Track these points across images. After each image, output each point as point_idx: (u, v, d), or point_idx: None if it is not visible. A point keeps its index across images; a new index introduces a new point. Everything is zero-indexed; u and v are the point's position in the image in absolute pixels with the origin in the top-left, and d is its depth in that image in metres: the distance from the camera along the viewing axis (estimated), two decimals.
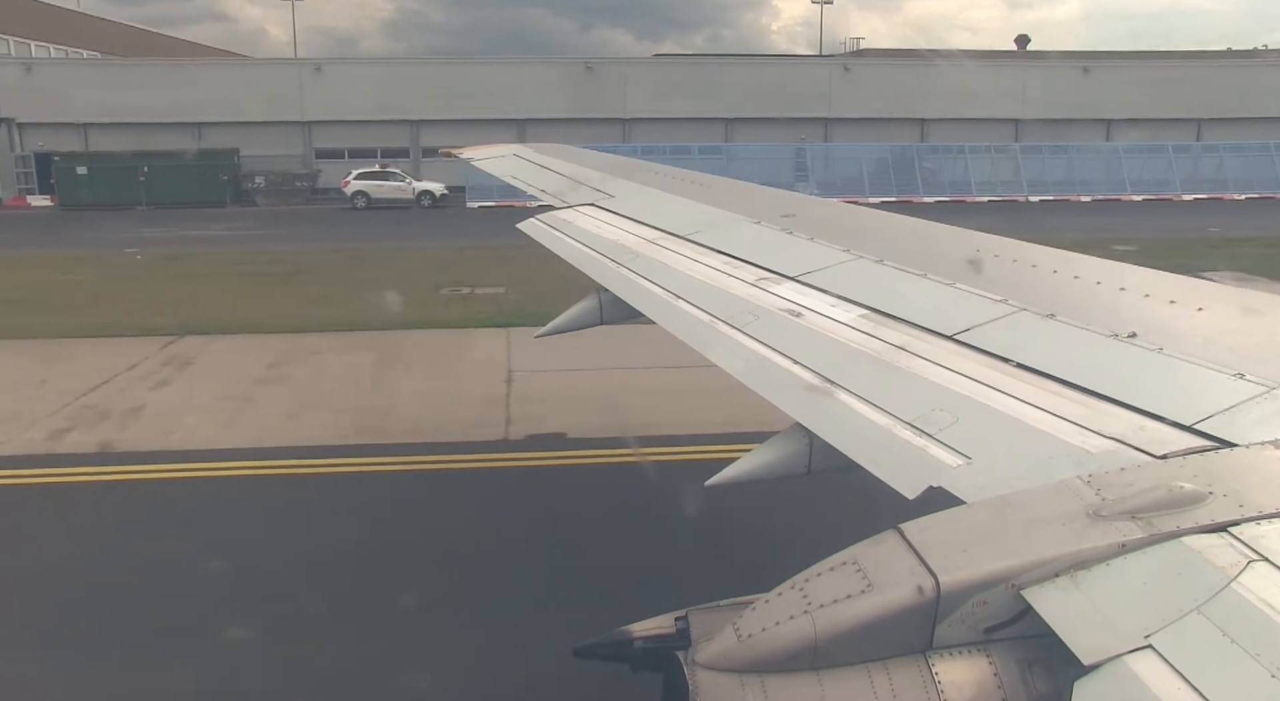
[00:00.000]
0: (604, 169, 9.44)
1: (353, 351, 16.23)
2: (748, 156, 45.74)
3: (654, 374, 14.01)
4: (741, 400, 4.10)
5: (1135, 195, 45.60)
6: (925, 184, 44.51)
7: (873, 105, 50.32)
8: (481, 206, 43.23)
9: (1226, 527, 2.12)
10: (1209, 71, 54.31)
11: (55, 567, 8.38)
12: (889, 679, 2.11)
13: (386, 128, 51.05)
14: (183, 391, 13.88)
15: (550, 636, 4.57)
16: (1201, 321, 3.38)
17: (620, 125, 49.78)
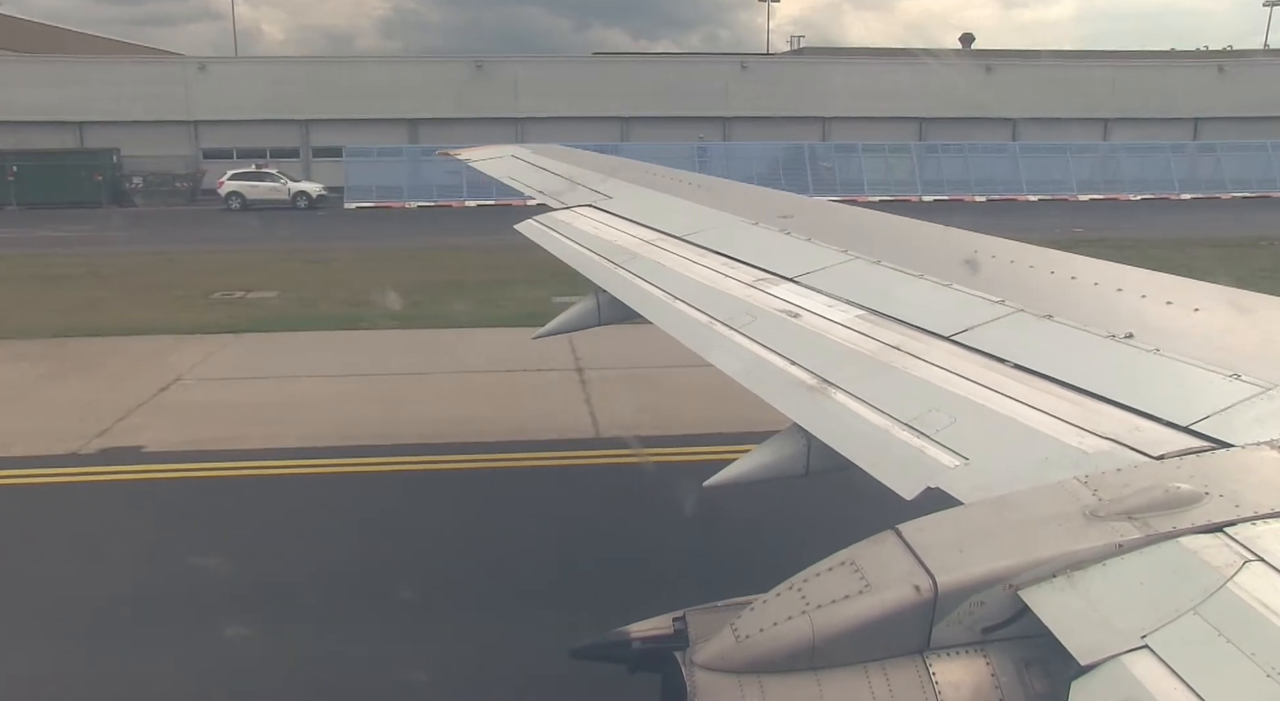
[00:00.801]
0: (602, 170, 9.45)
1: (30, 359, 15.64)
2: (644, 156, 45.65)
3: (339, 382, 14.18)
4: (395, 414, 3.96)
5: (1031, 195, 44.99)
6: (818, 183, 43.90)
7: (772, 104, 49.91)
8: (359, 207, 42.92)
9: (1223, 528, 2.13)
10: (1115, 72, 53.92)
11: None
12: (886, 679, 2.12)
13: (276, 127, 50.44)
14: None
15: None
16: (1198, 322, 3.38)
17: (513, 125, 49.05)
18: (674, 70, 52.51)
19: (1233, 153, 47.59)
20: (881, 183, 45.23)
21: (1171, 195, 45.34)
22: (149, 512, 9.62)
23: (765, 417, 3.81)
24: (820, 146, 47.48)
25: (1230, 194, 45.74)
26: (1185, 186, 45.83)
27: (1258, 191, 45.46)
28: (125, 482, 10.27)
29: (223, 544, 8.57)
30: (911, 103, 50.61)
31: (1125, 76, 53.02)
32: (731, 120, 50.48)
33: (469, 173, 44.27)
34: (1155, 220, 35.07)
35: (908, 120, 50.95)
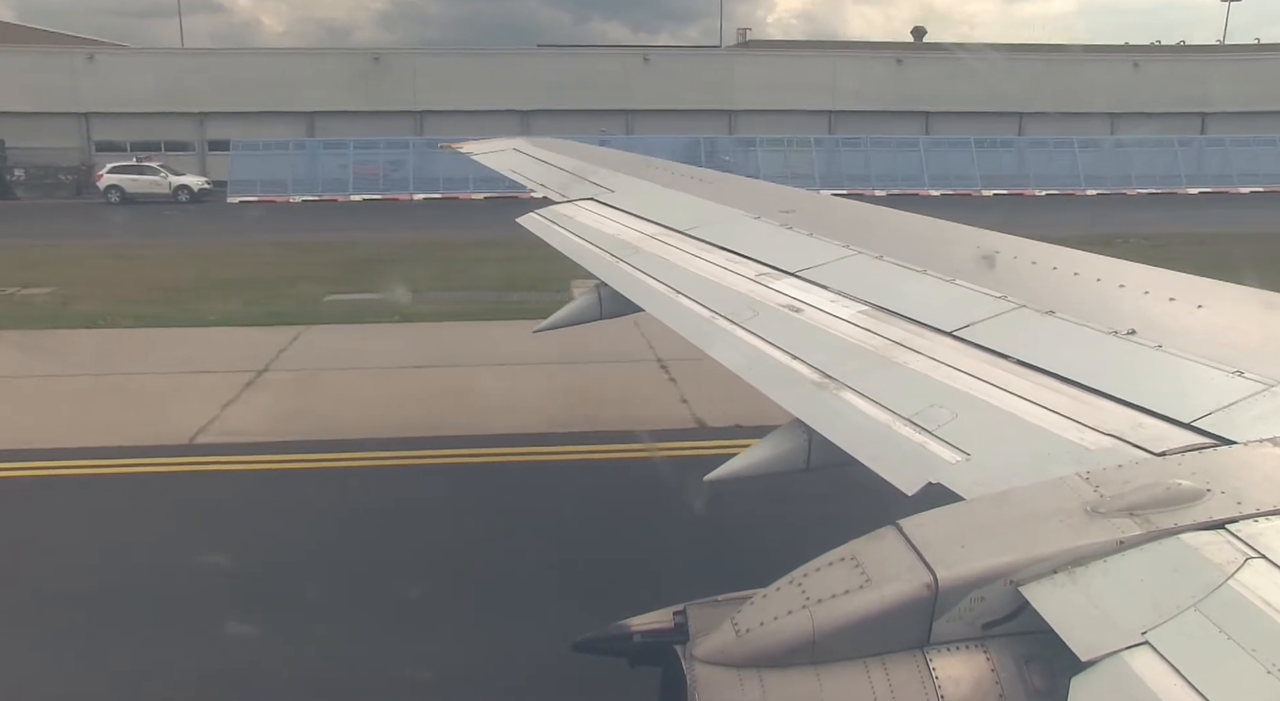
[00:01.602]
0: (604, 163, 9.44)
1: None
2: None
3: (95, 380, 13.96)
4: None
5: (934, 190, 44.28)
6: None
7: (678, 96, 49.46)
8: (243, 201, 42.46)
9: (1224, 525, 2.12)
10: (1030, 66, 53.31)
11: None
12: (886, 674, 2.12)
13: (171, 120, 49.78)
14: None
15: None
16: (1201, 319, 3.38)
17: (412, 117, 48.80)
18: (576, 63, 51.80)
19: (1142, 148, 47.03)
20: (780, 176, 44.69)
21: (1077, 191, 44.69)
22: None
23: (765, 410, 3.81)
24: (722, 140, 46.99)
25: (1136, 190, 45.14)
26: (1091, 182, 45.21)
27: (1163, 187, 44.90)
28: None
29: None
30: (820, 96, 50.07)
31: (1041, 71, 52.46)
32: (635, 113, 49.96)
33: (357, 167, 44.12)
34: (1046, 217, 34.15)
35: (818, 113, 50.38)
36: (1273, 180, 44.71)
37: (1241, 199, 42.76)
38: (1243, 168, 45.64)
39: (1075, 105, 49.98)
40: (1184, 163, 45.77)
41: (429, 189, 42.67)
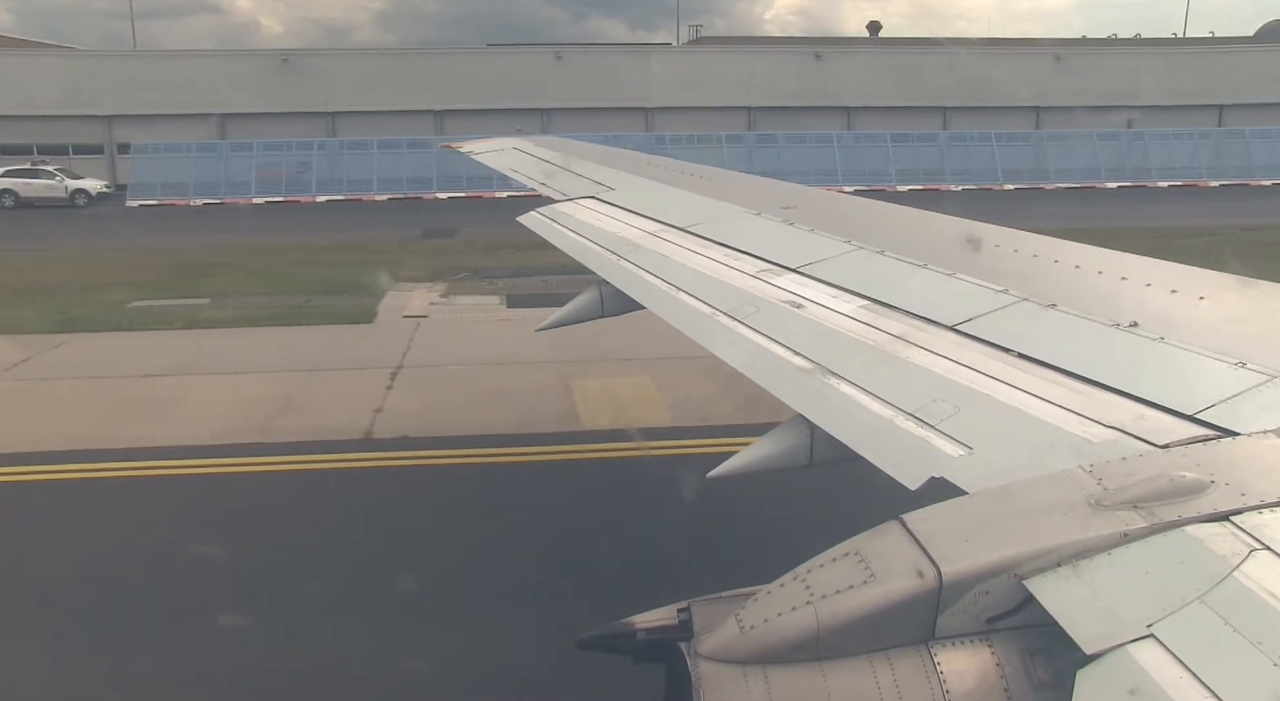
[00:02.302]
0: (604, 162, 9.44)
1: None
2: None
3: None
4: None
5: (847, 186, 42.76)
6: None
7: (594, 94, 48.74)
8: (142, 205, 41.75)
9: (1228, 516, 2.12)
10: (954, 60, 51.93)
11: None
12: (891, 669, 2.12)
13: (78, 123, 48.76)
14: None
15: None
16: (1203, 310, 3.37)
17: (325, 118, 48.14)
18: (490, 62, 50.65)
19: (1065, 142, 46.37)
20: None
21: (995, 186, 44.10)
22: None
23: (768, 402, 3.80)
24: (635, 138, 46.27)
25: (1055, 184, 44.42)
26: (1009, 177, 44.68)
27: (1082, 182, 44.36)
28: None
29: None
30: (738, 92, 49.50)
31: (964, 65, 51.59)
32: (551, 111, 49.32)
33: (260, 170, 43.62)
34: (967, 215, 33.25)
35: (737, 110, 49.73)
36: (1192, 174, 44.38)
37: (1159, 193, 42.30)
38: (1161, 161, 45.31)
39: (999, 99, 49.55)
40: (1104, 157, 45.29)
41: (333, 191, 42.23)
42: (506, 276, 21.51)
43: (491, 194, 40.90)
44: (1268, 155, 45.03)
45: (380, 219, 35.20)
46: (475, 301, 19.29)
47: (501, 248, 25.74)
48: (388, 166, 43.21)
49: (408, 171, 42.93)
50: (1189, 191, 41.47)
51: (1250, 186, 42.95)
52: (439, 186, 42.03)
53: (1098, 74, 49.89)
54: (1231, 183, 43.30)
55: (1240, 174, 44.18)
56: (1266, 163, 44.67)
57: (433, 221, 33.53)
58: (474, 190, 41.21)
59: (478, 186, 41.23)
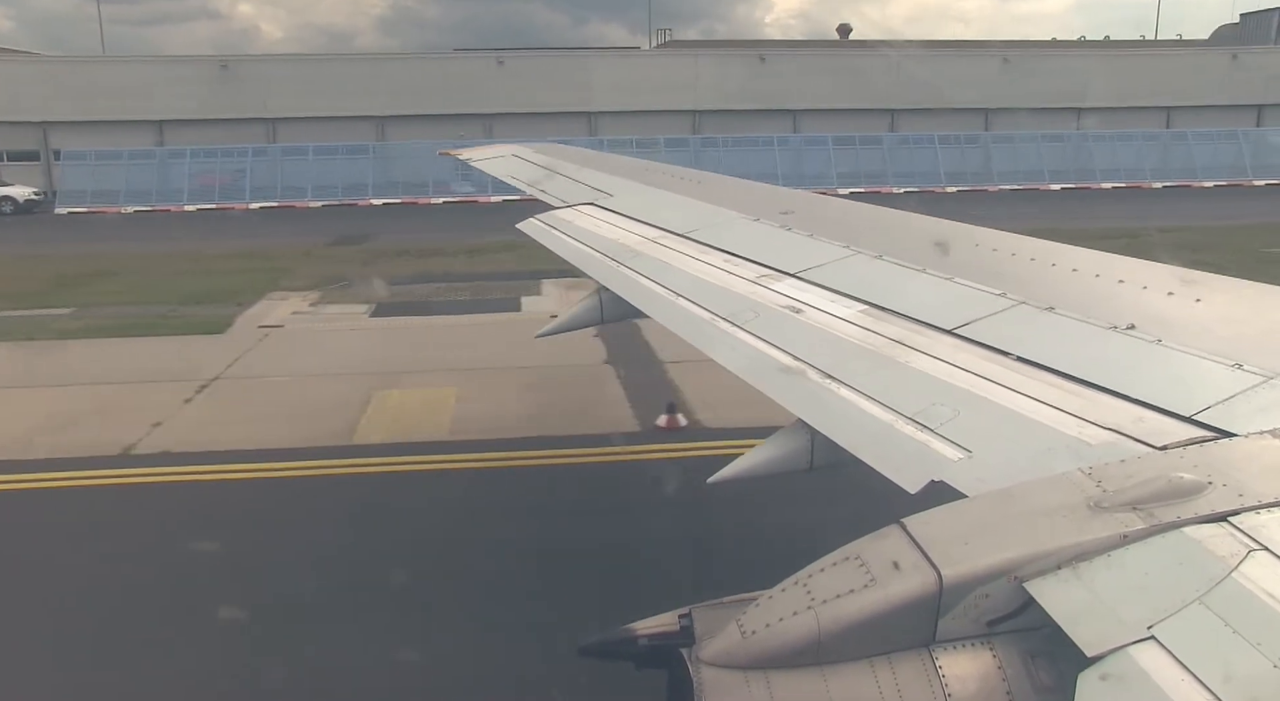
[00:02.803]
0: (603, 168, 9.46)
1: None
2: (402, 155, 43.80)
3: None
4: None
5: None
6: None
7: (537, 99, 47.91)
8: (71, 212, 41.05)
9: (1227, 517, 2.13)
10: (898, 62, 51.37)
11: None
12: (893, 673, 2.12)
13: (12, 129, 47.71)
14: None
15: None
16: (1200, 312, 3.39)
17: (265, 125, 47.36)
18: (432, 67, 50.19)
19: (1011, 144, 45.71)
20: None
21: (937, 188, 43.18)
22: None
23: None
24: (579, 141, 45.79)
25: (997, 186, 43.78)
26: (952, 179, 43.96)
27: (1024, 184, 43.56)
28: None
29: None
30: (682, 96, 49.05)
31: (910, 67, 50.98)
32: (494, 117, 48.82)
33: (197, 177, 42.95)
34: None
35: (681, 113, 49.26)
36: (1135, 175, 44.11)
37: (1101, 194, 41.99)
38: (1106, 163, 44.99)
39: (947, 101, 49.15)
40: (1048, 159, 44.86)
41: (267, 198, 41.63)
42: (401, 283, 21.24)
43: (427, 200, 40.69)
44: (1210, 157, 44.70)
45: (304, 226, 34.14)
46: (340, 310, 18.93)
47: (405, 254, 25.73)
48: (324, 173, 42.72)
49: (343, 178, 42.51)
50: (1131, 193, 41.11)
51: (1193, 188, 42.58)
52: (374, 193, 41.64)
53: (1045, 76, 49.48)
54: (1175, 184, 42.97)
55: (1184, 175, 43.82)
56: (1210, 164, 44.32)
57: (353, 228, 33.22)
58: (410, 196, 41.03)
59: (414, 193, 41.15)
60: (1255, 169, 43.88)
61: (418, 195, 41.08)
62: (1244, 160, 44.27)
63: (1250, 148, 45.30)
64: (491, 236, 26.50)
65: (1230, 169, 43.85)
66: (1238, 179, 42.99)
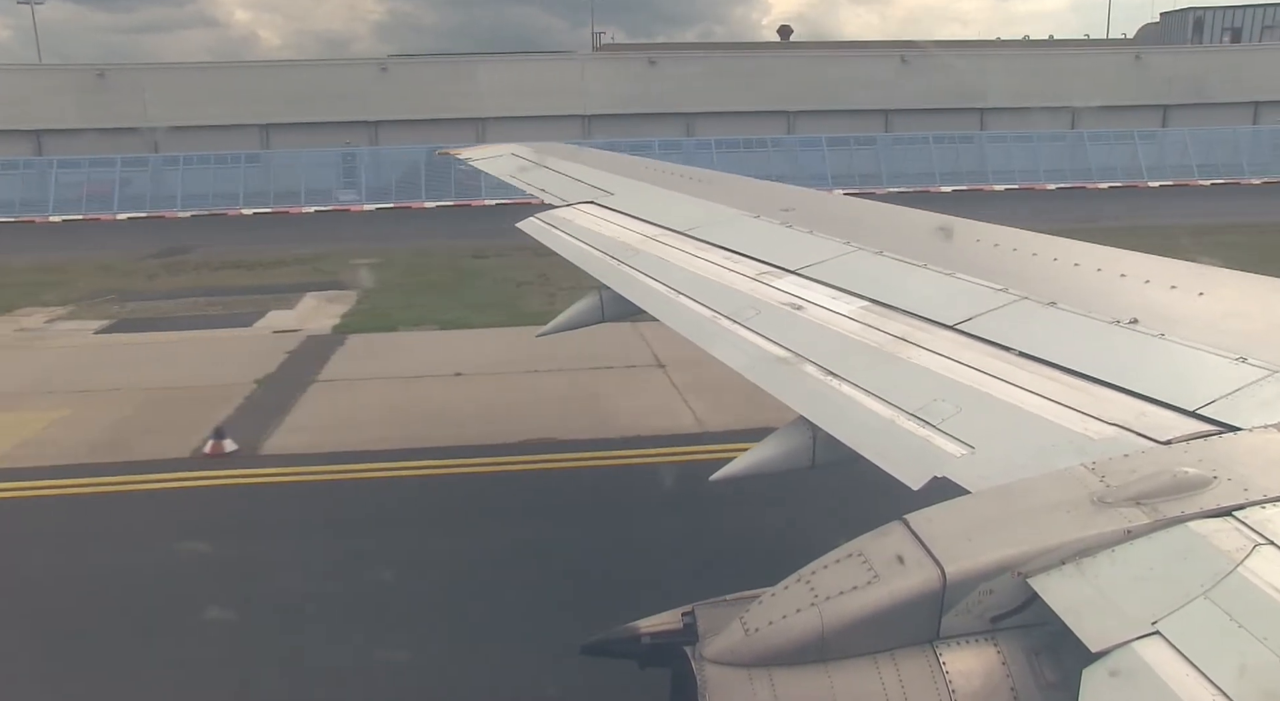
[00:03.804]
0: (603, 166, 9.45)
1: None
2: (290, 163, 42.92)
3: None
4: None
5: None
6: (460, 187, 41.20)
7: (423, 106, 47.28)
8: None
9: (1231, 512, 2.12)
10: (795, 63, 51.11)
11: None
12: (897, 669, 2.12)
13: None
14: None
15: None
16: (1203, 306, 3.37)
17: (145, 134, 45.79)
18: (315, 74, 49.18)
19: (899, 147, 44.94)
20: (502, 185, 41.86)
21: (825, 190, 43.09)
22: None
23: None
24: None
25: (886, 189, 42.94)
26: (839, 182, 42.56)
27: (916, 186, 42.23)
28: None
29: None
30: (571, 100, 48.47)
31: (808, 68, 50.31)
32: (380, 124, 47.94)
33: (67, 187, 41.98)
34: None
35: (571, 118, 48.26)
36: (1029, 177, 43.39)
37: (992, 197, 41.27)
38: (999, 165, 44.32)
39: (845, 102, 48.51)
40: (940, 161, 44.20)
41: (136, 208, 40.57)
42: (162, 298, 20.60)
43: (299, 209, 39.99)
44: (1105, 158, 43.98)
45: (150, 236, 33.30)
46: (71, 327, 18.11)
47: (204, 267, 25.09)
48: (196, 182, 41.92)
49: (216, 187, 41.59)
50: (1023, 195, 39.97)
51: (1087, 189, 41.73)
52: (245, 202, 40.78)
53: (945, 76, 48.90)
54: (1070, 185, 42.16)
55: (1079, 177, 43.03)
56: (1104, 165, 43.52)
57: (195, 239, 32.08)
58: (282, 205, 40.29)
59: (286, 202, 40.50)
60: (1150, 170, 43.15)
61: (290, 204, 40.27)
62: (1139, 162, 43.50)
63: (1146, 149, 44.59)
64: (317, 247, 26.74)
65: (1127, 171, 43.12)
66: (1134, 180, 42.23)
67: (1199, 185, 41.40)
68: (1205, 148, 43.93)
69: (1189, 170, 42.70)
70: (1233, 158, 43.37)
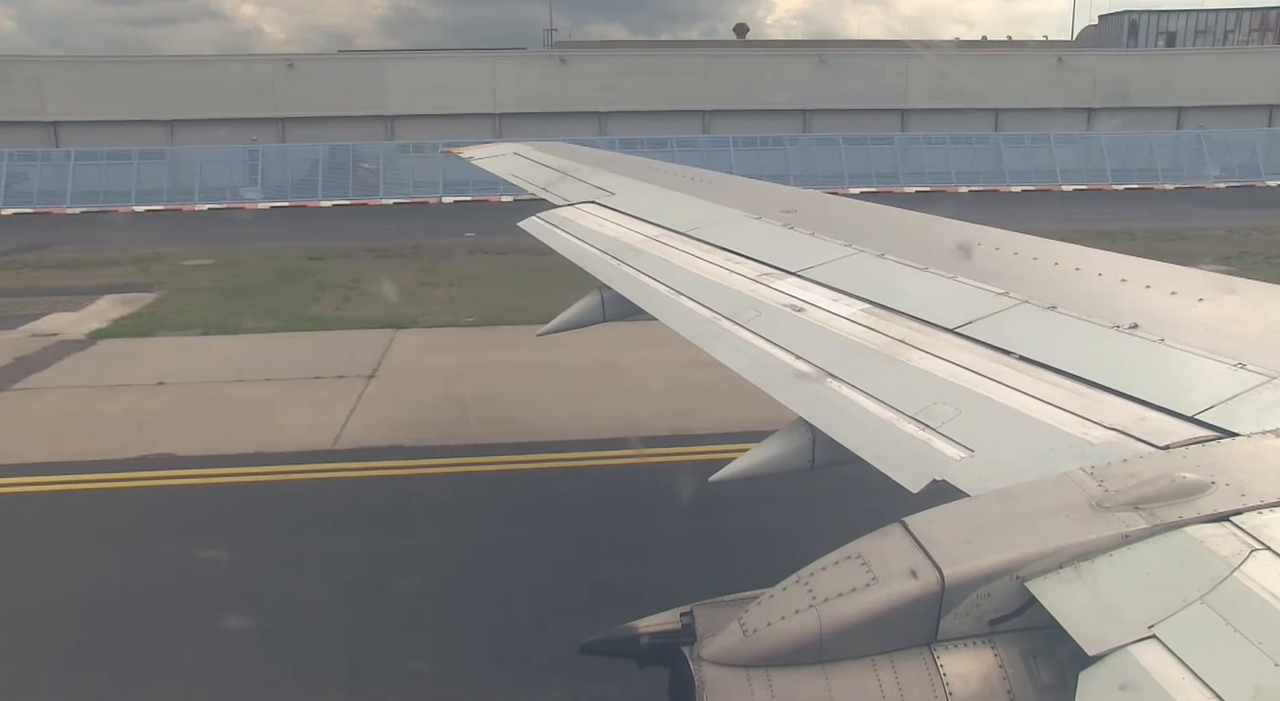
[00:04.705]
0: (605, 166, 9.45)
1: None
2: (192, 160, 42.13)
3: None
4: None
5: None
6: (359, 185, 41.21)
7: (329, 102, 46.56)
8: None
9: (1229, 517, 2.13)
10: (708, 62, 50.26)
11: None
12: (894, 672, 2.12)
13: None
14: None
15: None
16: (1203, 312, 3.38)
17: (44, 129, 45.56)
18: (220, 71, 48.32)
19: (809, 147, 44.23)
20: (402, 184, 41.52)
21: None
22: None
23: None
24: (365, 146, 44.24)
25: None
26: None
27: (824, 187, 41.97)
28: None
29: None
30: (481, 99, 47.77)
31: (723, 67, 49.79)
32: (287, 120, 47.02)
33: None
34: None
35: (482, 117, 47.43)
36: (941, 179, 42.68)
37: (902, 199, 40.82)
38: (912, 167, 43.74)
39: (763, 102, 48.07)
40: (851, 162, 43.48)
41: (21, 203, 39.81)
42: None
43: (192, 206, 39.41)
44: (1021, 161, 43.29)
45: (17, 233, 32.79)
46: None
47: (40, 266, 24.61)
48: (87, 179, 40.92)
49: (108, 184, 40.74)
50: (935, 197, 39.35)
51: (1000, 192, 41.22)
52: (137, 199, 39.88)
53: (865, 77, 48.38)
54: (982, 189, 41.53)
55: (990, 180, 42.37)
56: (1019, 168, 42.87)
57: (60, 236, 31.31)
58: (175, 203, 39.54)
59: (180, 199, 39.79)
60: (1065, 174, 42.60)
61: (184, 202, 39.63)
62: (1054, 166, 42.91)
63: (1062, 153, 43.94)
64: (170, 247, 26.15)
65: (1041, 174, 42.55)
66: (1048, 184, 41.72)
67: (1112, 190, 40.95)
68: (1122, 152, 43.46)
69: (1104, 175, 42.23)
70: (1149, 163, 42.85)
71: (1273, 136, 45.27)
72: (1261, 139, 44.45)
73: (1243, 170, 42.45)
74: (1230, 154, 43.29)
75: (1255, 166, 42.53)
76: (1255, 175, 42.07)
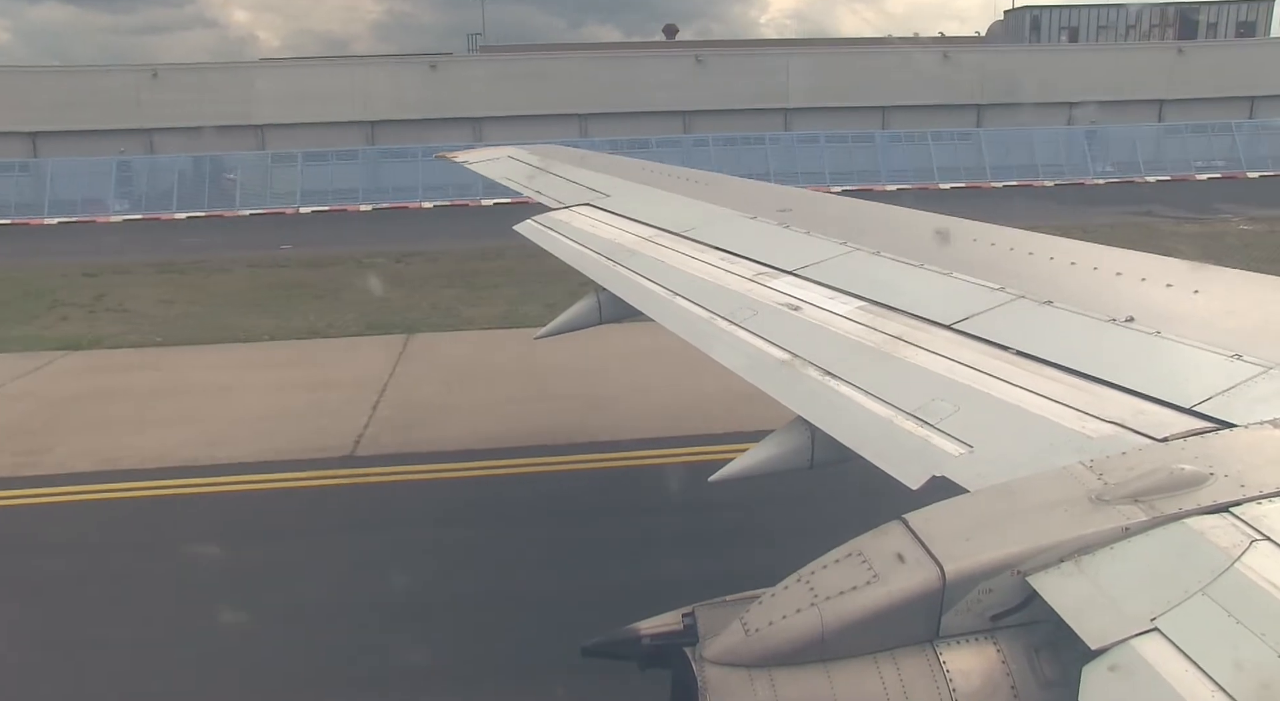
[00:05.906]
0: (600, 168, 9.45)
1: None
2: (62, 171, 40.84)
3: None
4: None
5: (487, 200, 38.16)
6: (215, 197, 40.43)
7: (196, 112, 44.62)
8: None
9: (1228, 508, 2.13)
10: (588, 65, 49.63)
11: None
12: (897, 669, 2.12)
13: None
14: None
15: None
16: (1198, 304, 3.39)
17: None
18: (84, 82, 47.18)
19: (685, 147, 43.26)
20: (259, 195, 40.81)
21: None
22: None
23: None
24: (234, 156, 43.57)
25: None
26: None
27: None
28: None
29: None
30: (353, 106, 46.13)
31: (599, 69, 48.38)
32: (153, 131, 45.87)
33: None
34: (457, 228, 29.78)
35: (354, 124, 46.66)
36: (816, 179, 41.75)
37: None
38: (780, 166, 43.07)
39: (641, 104, 47.37)
40: (722, 163, 42.87)
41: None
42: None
43: (39, 220, 38.43)
44: (901, 159, 42.59)
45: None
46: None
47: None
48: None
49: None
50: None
51: (874, 191, 39.33)
52: (50, 212, 38.89)
53: (745, 77, 47.79)
54: (855, 188, 39.90)
55: (866, 179, 41.35)
56: (899, 166, 42.16)
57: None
58: (22, 217, 38.51)
59: (27, 214, 38.87)
60: (942, 172, 42.07)
61: (31, 216, 38.72)
62: (931, 164, 42.23)
63: (940, 151, 43.30)
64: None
65: (919, 172, 41.85)
66: (925, 183, 41.08)
67: (991, 187, 40.33)
68: (1003, 149, 42.95)
69: (983, 172, 41.71)
70: (1029, 159, 42.35)
71: (1160, 132, 44.78)
72: (1147, 134, 44.09)
73: (1125, 167, 42.04)
74: (1114, 150, 42.97)
75: (1136, 163, 42.14)
76: (1136, 171, 41.66)
